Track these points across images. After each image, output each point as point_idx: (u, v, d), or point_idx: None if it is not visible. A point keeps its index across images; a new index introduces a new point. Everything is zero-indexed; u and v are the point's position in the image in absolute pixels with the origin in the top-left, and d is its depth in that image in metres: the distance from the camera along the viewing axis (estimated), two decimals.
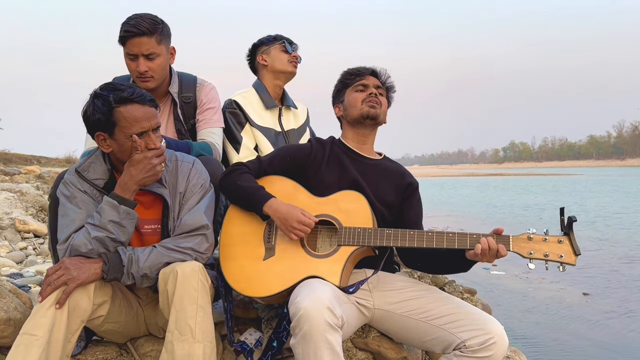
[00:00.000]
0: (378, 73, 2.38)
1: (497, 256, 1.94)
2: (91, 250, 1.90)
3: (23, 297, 2.35)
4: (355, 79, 2.35)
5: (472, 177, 67.75)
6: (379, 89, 2.35)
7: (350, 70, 2.40)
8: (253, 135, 2.91)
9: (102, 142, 1.97)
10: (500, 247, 1.93)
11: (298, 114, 3.20)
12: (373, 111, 2.28)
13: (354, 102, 2.31)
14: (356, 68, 2.40)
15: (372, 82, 2.35)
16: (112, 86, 1.94)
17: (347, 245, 2.06)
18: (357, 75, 2.36)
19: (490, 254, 1.93)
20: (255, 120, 2.93)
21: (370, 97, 2.29)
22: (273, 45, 3.06)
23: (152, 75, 2.50)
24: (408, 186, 2.31)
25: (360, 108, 2.29)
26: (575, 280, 7.24)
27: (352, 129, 2.35)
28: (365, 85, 2.33)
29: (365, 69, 2.38)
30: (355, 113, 2.30)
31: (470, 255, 1.99)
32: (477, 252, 1.93)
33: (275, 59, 3.04)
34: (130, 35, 2.43)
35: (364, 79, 2.34)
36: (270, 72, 3.05)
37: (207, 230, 2.04)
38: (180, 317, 1.84)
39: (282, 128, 3.03)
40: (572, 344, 4.81)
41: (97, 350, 2.21)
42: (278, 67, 3.04)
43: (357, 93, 2.32)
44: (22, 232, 5.21)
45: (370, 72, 2.37)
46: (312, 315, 1.73)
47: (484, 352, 1.90)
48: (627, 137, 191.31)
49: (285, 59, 3.04)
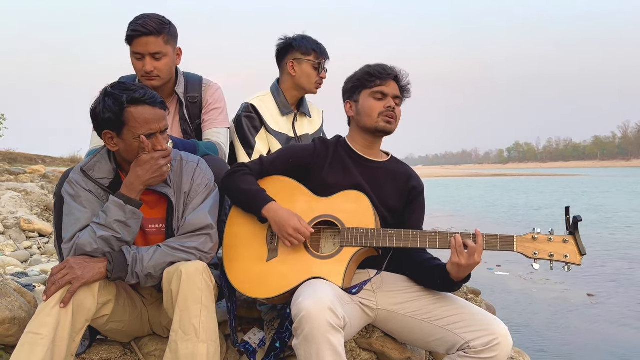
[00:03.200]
0: (400, 79, 2.25)
1: (471, 253, 1.89)
2: (96, 249, 1.91)
3: (28, 296, 2.36)
4: (376, 83, 2.20)
5: (476, 177, 67.60)
6: (397, 98, 2.23)
7: (371, 71, 2.22)
8: (267, 140, 2.89)
9: (109, 141, 1.98)
10: (467, 242, 1.90)
11: (313, 120, 3.14)
12: (388, 127, 2.21)
13: (370, 111, 2.20)
14: (378, 69, 2.22)
15: (392, 90, 2.21)
16: (124, 86, 1.94)
17: (350, 246, 2.06)
18: (378, 78, 2.20)
19: (459, 250, 1.90)
20: (270, 125, 2.89)
21: (388, 112, 2.19)
22: (308, 57, 2.91)
23: (158, 74, 2.50)
24: (412, 190, 2.27)
25: (376, 121, 2.19)
26: (580, 281, 7.21)
27: (361, 134, 2.27)
28: (384, 94, 2.20)
29: (387, 73, 2.21)
30: (369, 123, 2.21)
31: (449, 267, 1.95)
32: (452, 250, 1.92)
33: (304, 75, 2.92)
34: (138, 34, 2.43)
35: (385, 84, 2.20)
36: (294, 82, 2.96)
37: (211, 230, 2.05)
38: (184, 317, 1.84)
39: (295, 134, 2.99)
40: (576, 345, 4.79)
41: (101, 350, 2.22)
42: (304, 84, 2.94)
43: (374, 101, 2.20)
44: (27, 232, 5.24)
45: (393, 77, 2.23)
46: (313, 316, 1.73)
47: (488, 353, 1.89)
48: (632, 138, 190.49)
49: (314, 79, 2.93)
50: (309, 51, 2.92)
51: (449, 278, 1.97)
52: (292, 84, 2.97)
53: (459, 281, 1.98)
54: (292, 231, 2.03)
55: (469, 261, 1.90)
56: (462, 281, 1.99)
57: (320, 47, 2.94)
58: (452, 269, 1.95)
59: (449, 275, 1.97)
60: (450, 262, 1.94)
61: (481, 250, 1.91)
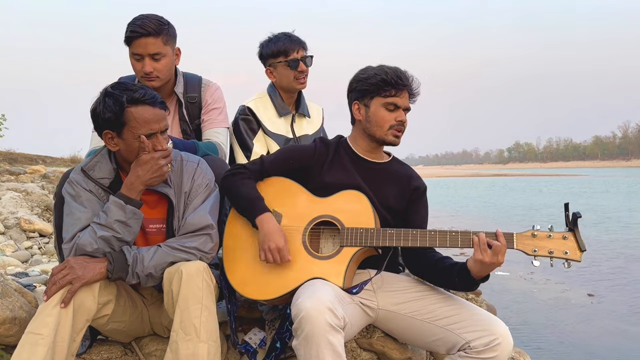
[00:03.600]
0: (412, 89, 2.20)
1: (495, 252, 1.88)
2: (96, 249, 1.91)
3: (28, 296, 2.36)
4: (391, 92, 2.14)
5: (476, 177, 67.58)
6: (407, 111, 2.21)
7: (387, 78, 2.14)
8: (265, 142, 2.88)
9: (110, 141, 1.98)
10: (490, 241, 1.89)
11: (313, 120, 3.12)
12: (396, 141, 2.20)
13: (381, 122, 2.17)
14: (395, 77, 2.14)
15: (404, 102, 2.18)
16: (124, 86, 1.95)
17: (349, 246, 2.05)
18: (394, 88, 2.14)
19: (482, 248, 1.89)
20: (268, 127, 2.88)
21: (398, 126, 2.17)
22: (277, 60, 2.88)
23: (157, 75, 2.50)
24: (414, 190, 2.26)
25: (386, 134, 2.17)
26: (580, 281, 7.21)
27: (366, 140, 2.25)
28: (397, 106, 2.16)
29: (403, 83, 2.16)
30: (378, 134, 2.19)
31: (470, 263, 1.94)
32: (475, 248, 1.91)
33: (282, 77, 2.90)
34: (137, 35, 2.43)
35: (399, 96, 2.15)
36: (278, 86, 2.96)
37: (211, 230, 2.04)
38: (184, 317, 1.84)
39: (294, 134, 2.97)
40: (576, 345, 4.79)
41: (102, 350, 2.22)
42: (286, 85, 2.92)
43: (386, 112, 2.16)
44: (28, 232, 5.24)
45: (408, 87, 2.18)
46: (313, 316, 1.74)
47: (489, 353, 1.89)
48: (632, 138, 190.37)
49: (292, 77, 2.88)
50: (276, 54, 2.88)
51: (469, 276, 1.95)
52: (278, 87, 2.96)
53: (478, 279, 1.96)
54: (274, 248, 2.02)
55: (493, 259, 1.88)
56: (481, 280, 1.97)
57: (286, 46, 2.86)
58: (474, 266, 1.93)
59: (469, 273, 1.95)
60: (473, 259, 1.92)
61: (505, 250, 1.89)
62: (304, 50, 2.91)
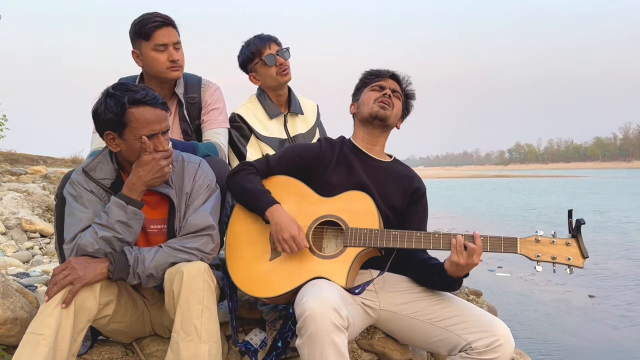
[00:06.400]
0: (398, 78, 2.36)
1: (470, 253, 1.90)
2: (98, 250, 1.91)
3: (29, 297, 2.36)
4: (375, 80, 2.33)
5: (477, 178, 67.56)
6: (396, 92, 2.32)
7: (371, 71, 2.38)
8: (259, 147, 2.88)
9: (111, 142, 1.98)
10: (467, 244, 1.91)
11: (306, 118, 3.11)
12: (382, 112, 2.24)
13: (367, 100, 2.29)
14: (377, 69, 2.38)
15: (390, 84, 2.32)
16: (126, 87, 1.95)
17: (353, 246, 2.06)
18: (377, 75, 2.34)
19: (459, 250, 1.91)
20: (260, 132, 2.88)
21: (383, 98, 2.27)
22: (255, 62, 2.90)
23: (181, 64, 2.52)
24: (415, 191, 2.28)
25: (371, 107, 2.26)
26: (581, 282, 7.21)
27: (363, 128, 2.32)
28: (382, 87, 2.30)
29: (386, 71, 2.36)
30: (365, 111, 2.28)
31: (447, 264, 1.97)
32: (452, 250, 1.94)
33: (265, 77, 2.90)
34: (159, 25, 2.45)
35: (383, 80, 2.32)
36: (265, 87, 2.96)
37: (212, 231, 2.05)
38: (185, 317, 1.84)
39: (288, 135, 2.97)
40: (577, 346, 4.79)
41: (103, 350, 2.22)
42: (271, 83, 2.92)
43: (372, 92, 2.30)
44: (29, 232, 5.24)
45: (391, 75, 2.35)
46: (318, 316, 1.74)
47: (490, 354, 1.89)
48: (633, 139, 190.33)
49: (273, 73, 2.87)
50: (251, 57, 2.91)
51: (447, 275, 1.99)
52: (266, 88, 2.97)
53: (457, 279, 2.00)
54: (288, 237, 2.03)
55: (468, 261, 1.92)
56: (460, 280, 2.01)
57: (257, 46, 2.88)
58: (450, 267, 1.97)
59: (447, 272, 1.99)
60: (449, 260, 1.96)
61: (480, 251, 1.93)
62: (277, 45, 2.93)
